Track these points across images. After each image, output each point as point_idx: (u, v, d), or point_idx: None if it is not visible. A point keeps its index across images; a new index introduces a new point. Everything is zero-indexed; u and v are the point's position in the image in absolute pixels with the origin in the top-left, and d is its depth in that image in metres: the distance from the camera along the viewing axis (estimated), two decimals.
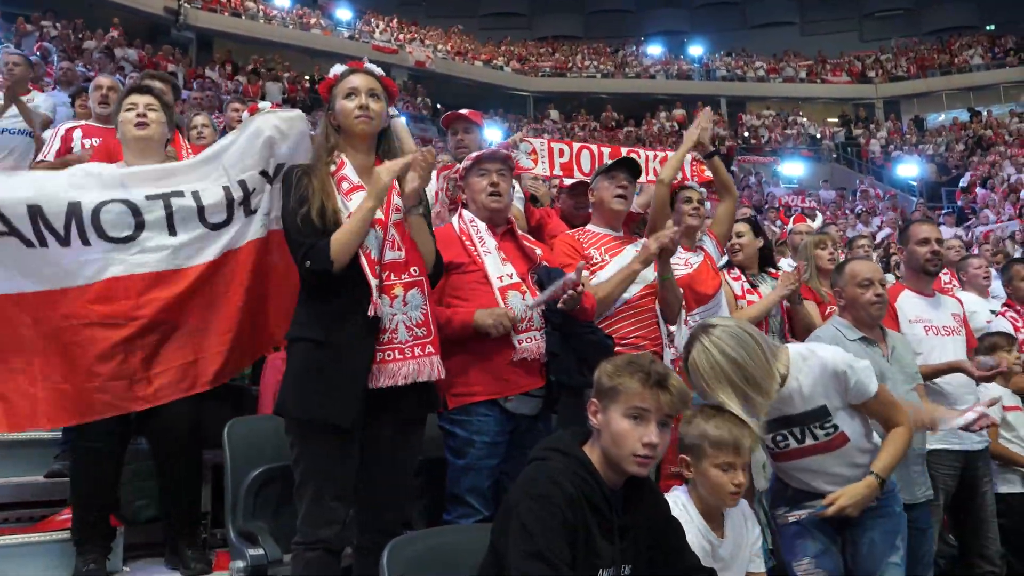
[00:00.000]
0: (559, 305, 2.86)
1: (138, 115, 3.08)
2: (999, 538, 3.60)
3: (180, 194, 2.89)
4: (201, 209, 2.90)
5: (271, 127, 2.89)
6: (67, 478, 3.44)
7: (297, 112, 3.03)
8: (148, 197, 2.87)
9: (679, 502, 2.30)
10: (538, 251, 3.12)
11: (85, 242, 2.77)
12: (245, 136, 2.91)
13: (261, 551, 2.63)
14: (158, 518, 3.22)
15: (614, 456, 1.95)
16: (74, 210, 2.76)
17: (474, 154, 3.13)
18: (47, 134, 4.85)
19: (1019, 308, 4.51)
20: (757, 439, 2.29)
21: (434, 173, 3.08)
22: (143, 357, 2.76)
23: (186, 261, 2.88)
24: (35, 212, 2.72)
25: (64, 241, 2.74)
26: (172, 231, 2.87)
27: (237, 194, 2.93)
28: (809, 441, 2.52)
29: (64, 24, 16.78)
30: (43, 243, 2.71)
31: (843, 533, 2.61)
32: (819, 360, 2.47)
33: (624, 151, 4.34)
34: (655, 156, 4.45)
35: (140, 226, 2.85)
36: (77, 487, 3.03)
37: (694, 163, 4.60)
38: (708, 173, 4.46)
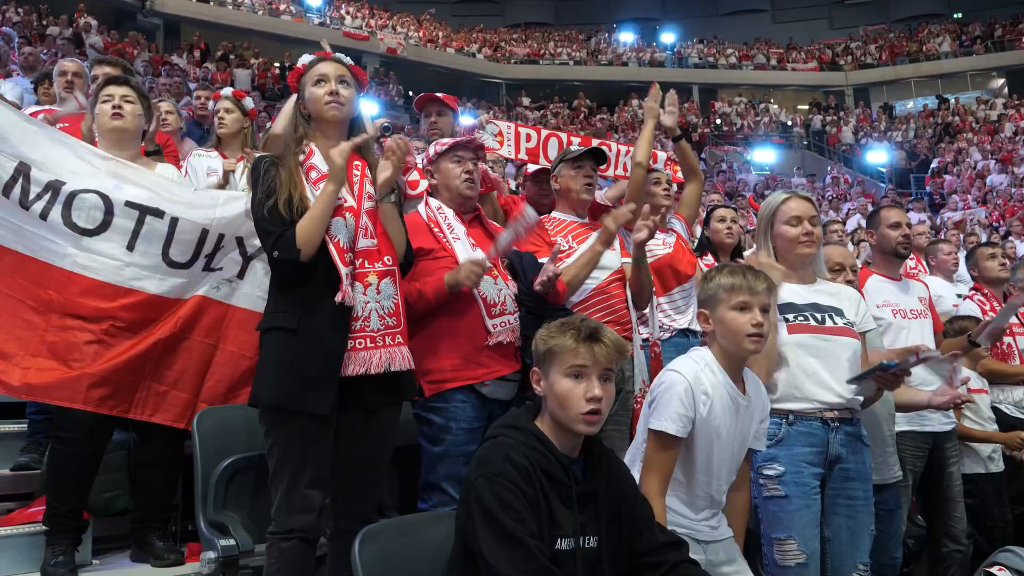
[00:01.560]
0: (536, 287, 2.87)
1: (114, 107, 3.08)
2: (966, 518, 3.67)
3: (159, 214, 2.94)
4: (169, 240, 2.96)
5: None
6: (34, 471, 3.40)
7: None
8: (128, 204, 2.91)
9: (703, 359, 2.36)
10: None
11: (43, 216, 2.81)
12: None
13: (232, 541, 2.61)
14: (128, 510, 3.18)
15: (563, 419, 1.96)
16: (54, 184, 2.82)
17: (448, 140, 3.11)
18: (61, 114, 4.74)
19: (986, 291, 4.58)
20: (773, 285, 2.38)
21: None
22: (53, 350, 2.83)
23: (130, 281, 2.93)
24: (22, 168, 2.79)
25: (24, 205, 2.80)
26: (130, 247, 2.93)
27: (209, 245, 3.01)
28: (828, 324, 2.67)
29: (27, 10, 16.40)
30: (5, 194, 2.77)
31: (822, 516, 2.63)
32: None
33: (595, 143, 4.35)
34: (627, 151, 4.46)
35: (105, 225, 2.88)
36: (54, 477, 2.98)
37: (668, 162, 4.64)
38: (679, 175, 4.50)
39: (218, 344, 3.09)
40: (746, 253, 4.42)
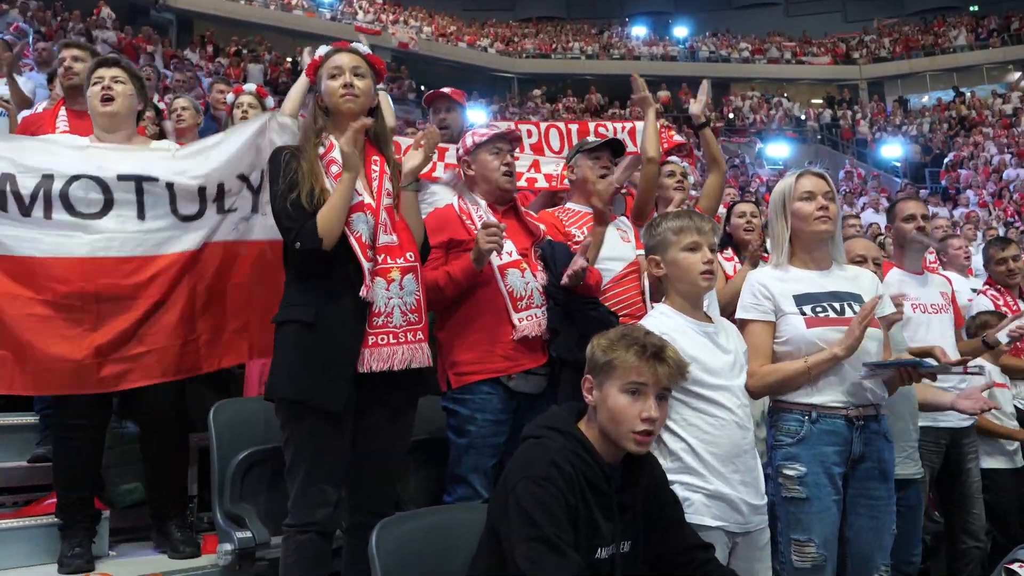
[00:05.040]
0: (564, 281, 2.86)
1: (103, 88, 3.01)
2: (984, 514, 3.64)
3: (154, 179, 2.88)
4: (173, 198, 2.90)
5: (267, 138, 2.88)
6: (51, 462, 3.41)
7: (293, 120, 3.00)
8: (120, 177, 2.86)
9: (657, 311, 2.47)
10: (542, 227, 3.12)
11: (47, 216, 2.76)
12: (237, 144, 2.89)
13: (249, 533, 2.62)
14: (143, 502, 3.19)
15: (613, 434, 1.91)
16: (45, 181, 2.76)
17: (485, 131, 3.10)
18: (25, 113, 4.76)
19: (999, 287, 4.53)
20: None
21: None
22: (104, 342, 2.76)
23: (156, 249, 2.89)
24: (6, 179, 2.72)
25: (25, 211, 2.75)
26: (141, 214, 2.87)
27: (211, 194, 2.93)
28: (848, 314, 2.57)
29: (40, 5, 16.48)
30: (3, 208, 2.72)
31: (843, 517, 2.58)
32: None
33: (592, 126, 4.32)
34: (623, 128, 4.42)
35: (109, 204, 2.83)
36: (58, 466, 3.00)
37: (662, 129, 4.57)
38: (677, 138, 4.46)
39: (248, 281, 3.05)
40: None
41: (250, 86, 4.46)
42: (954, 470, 3.59)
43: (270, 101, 4.41)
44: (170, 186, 2.88)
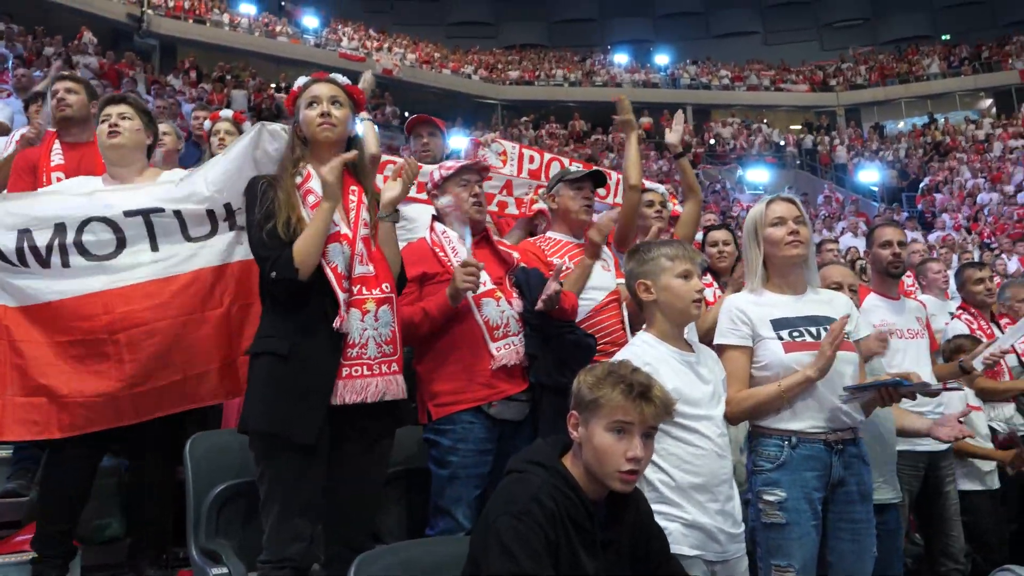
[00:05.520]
0: (538, 306, 2.85)
1: (110, 125, 3.07)
2: (963, 536, 3.65)
3: (160, 211, 2.91)
4: (183, 225, 2.93)
5: (261, 149, 2.86)
6: (22, 498, 3.35)
7: (284, 127, 3.01)
8: (127, 213, 2.89)
9: (640, 340, 2.48)
10: (515, 255, 3.12)
11: (65, 263, 2.81)
12: (236, 161, 2.89)
13: (225, 570, 2.56)
14: (118, 538, 3.14)
15: (598, 473, 1.89)
16: (59, 232, 2.81)
17: (453, 164, 3.11)
18: (2, 140, 4.73)
19: (973, 310, 4.57)
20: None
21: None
22: (134, 372, 2.79)
23: (172, 269, 2.90)
24: (23, 235, 2.78)
25: (44, 263, 2.80)
26: (154, 246, 2.90)
27: (220, 212, 2.95)
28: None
29: (21, 30, 16.44)
30: (24, 264, 2.78)
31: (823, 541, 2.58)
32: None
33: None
34: (611, 176, 4.47)
35: (122, 242, 2.87)
36: (45, 496, 2.96)
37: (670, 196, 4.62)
38: (678, 208, 4.47)
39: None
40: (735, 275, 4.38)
41: (227, 112, 4.44)
42: (933, 493, 3.60)
43: (248, 127, 4.40)
44: (178, 213, 2.91)
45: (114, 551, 3.15)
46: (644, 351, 2.40)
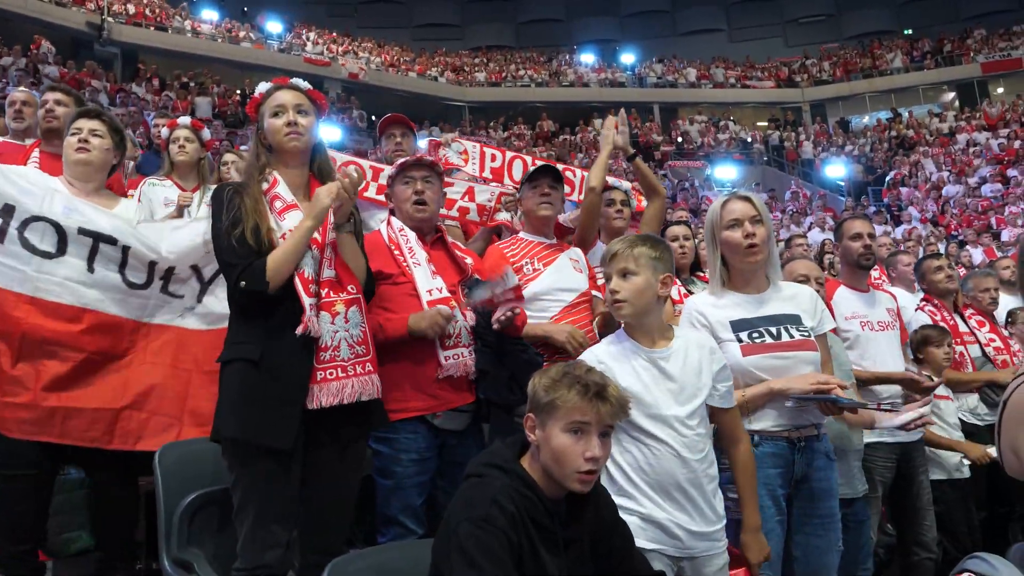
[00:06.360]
0: (494, 325, 2.82)
1: (80, 140, 3.05)
2: (935, 525, 3.70)
3: (112, 242, 2.90)
4: (124, 263, 2.92)
5: None
6: None
7: None
8: (80, 231, 2.87)
9: (608, 339, 2.47)
10: (469, 260, 3.09)
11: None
12: (199, 235, 2.93)
13: None
14: (88, 550, 3.08)
15: (556, 474, 1.88)
16: (4, 214, 2.77)
17: (399, 161, 3.09)
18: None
19: (936, 302, 4.63)
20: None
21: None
22: (17, 377, 2.75)
23: (94, 303, 2.89)
24: None
25: None
26: (91, 268, 2.88)
27: (159, 271, 2.99)
28: (785, 337, 2.59)
29: None
30: None
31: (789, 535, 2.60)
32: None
33: (560, 167, 4.36)
34: (574, 173, 4.48)
35: (62, 251, 2.83)
36: (3, 517, 2.88)
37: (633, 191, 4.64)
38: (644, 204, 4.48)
39: (193, 368, 3.05)
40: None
41: (184, 119, 4.38)
42: (905, 484, 3.65)
43: (207, 133, 4.35)
44: (126, 249, 2.92)
45: (84, 564, 3.10)
46: (602, 349, 2.40)
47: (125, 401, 2.91)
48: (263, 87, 2.60)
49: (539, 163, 4.33)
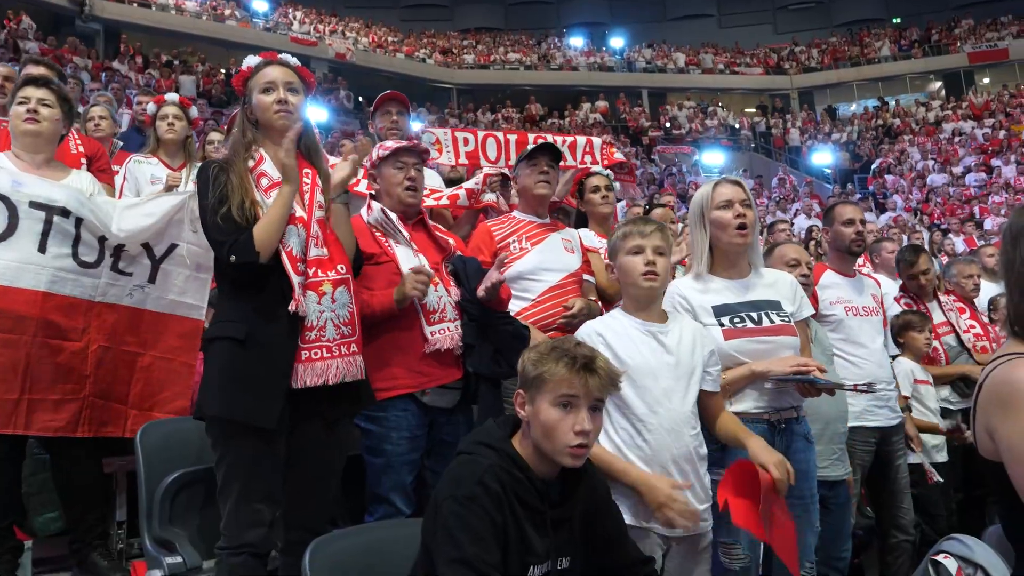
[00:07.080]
0: (479, 295, 2.83)
1: (28, 110, 2.95)
2: (913, 508, 3.75)
3: (65, 214, 2.82)
4: (77, 239, 2.86)
5: (182, 215, 2.87)
6: None
7: None
8: (32, 204, 2.79)
9: (609, 314, 2.52)
10: (451, 241, 3.10)
11: None
12: (152, 216, 2.88)
13: (179, 559, 2.54)
14: (68, 531, 3.08)
15: (547, 449, 1.87)
16: None
17: (391, 145, 3.07)
18: None
19: (913, 294, 4.66)
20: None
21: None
22: None
23: (50, 285, 2.81)
24: None
25: None
26: (42, 249, 2.80)
27: (109, 248, 2.93)
28: (766, 323, 2.63)
29: None
30: None
31: None
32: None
33: (531, 138, 4.33)
34: (563, 141, 4.47)
35: (12, 228, 2.76)
36: None
37: (604, 146, 4.64)
38: (618, 155, 4.50)
39: (142, 350, 3.03)
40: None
41: (172, 96, 4.33)
42: (884, 467, 3.69)
43: (195, 111, 4.30)
44: (79, 222, 2.84)
45: (65, 543, 3.09)
46: (601, 322, 2.47)
47: (88, 389, 2.88)
48: (251, 60, 2.56)
49: (511, 137, 4.32)
